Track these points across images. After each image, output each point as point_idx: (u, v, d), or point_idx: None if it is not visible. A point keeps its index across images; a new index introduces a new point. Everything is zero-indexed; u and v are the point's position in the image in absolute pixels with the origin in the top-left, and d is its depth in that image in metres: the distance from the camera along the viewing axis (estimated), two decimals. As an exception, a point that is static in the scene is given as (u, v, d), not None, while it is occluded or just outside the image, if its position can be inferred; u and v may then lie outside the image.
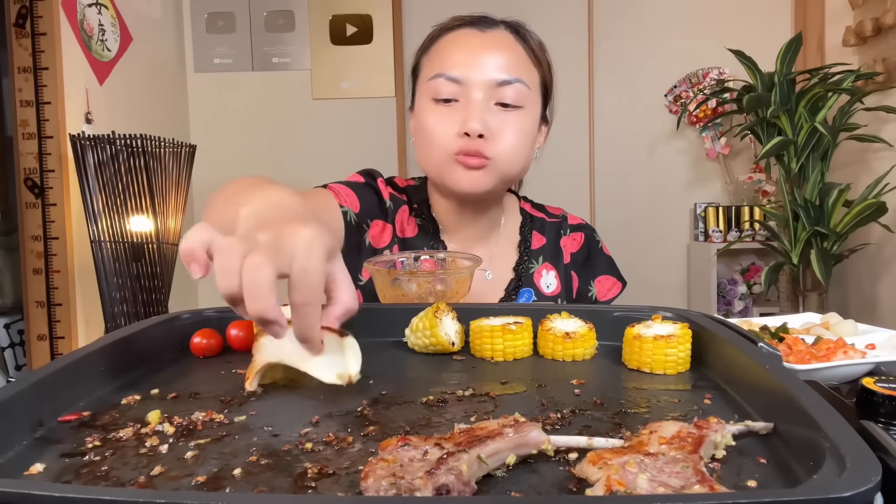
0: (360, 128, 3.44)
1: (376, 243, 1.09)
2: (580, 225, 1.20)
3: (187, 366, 0.69)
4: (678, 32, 3.36)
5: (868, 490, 0.32)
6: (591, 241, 1.18)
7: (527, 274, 1.12)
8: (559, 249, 1.16)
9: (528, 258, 1.13)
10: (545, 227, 1.17)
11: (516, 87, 1.00)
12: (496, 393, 0.58)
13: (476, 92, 0.99)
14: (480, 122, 0.97)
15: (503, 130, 0.99)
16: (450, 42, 1.03)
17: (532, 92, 1.03)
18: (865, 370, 0.72)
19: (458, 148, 0.98)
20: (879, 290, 2.90)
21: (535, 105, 1.04)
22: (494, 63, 0.99)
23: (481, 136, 0.98)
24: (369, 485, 0.37)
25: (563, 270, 1.15)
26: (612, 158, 3.44)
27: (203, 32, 3.44)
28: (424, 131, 1.02)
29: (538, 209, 1.21)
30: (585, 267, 1.17)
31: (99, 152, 2.29)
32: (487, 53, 1.00)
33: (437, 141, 1.00)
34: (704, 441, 0.42)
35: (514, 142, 1.00)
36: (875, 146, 2.80)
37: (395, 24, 3.40)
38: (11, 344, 3.03)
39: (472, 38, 1.02)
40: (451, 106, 1.00)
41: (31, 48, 2.42)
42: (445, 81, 0.99)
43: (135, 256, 2.37)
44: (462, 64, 0.99)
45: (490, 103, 0.99)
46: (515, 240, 1.15)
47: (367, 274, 1.07)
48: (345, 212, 1.04)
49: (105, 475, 0.42)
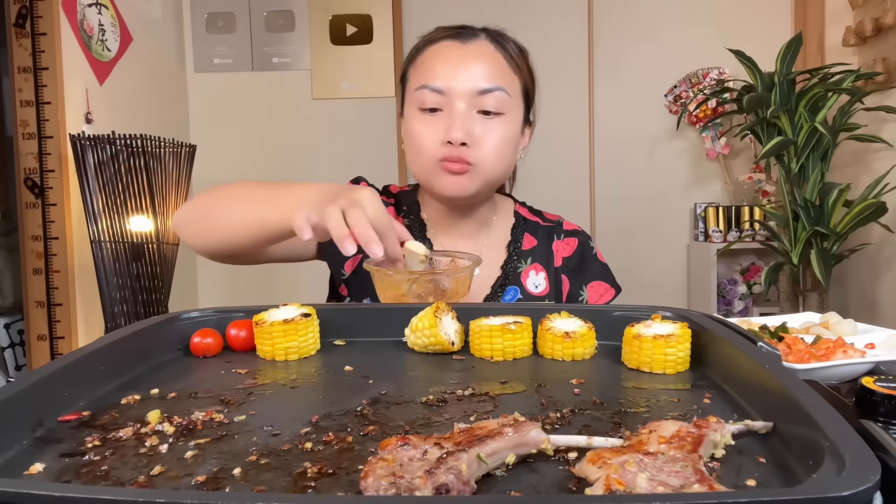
0: (360, 128, 3.44)
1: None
2: (574, 231, 1.22)
3: (187, 366, 0.69)
4: (678, 32, 3.36)
5: (867, 489, 0.32)
6: (585, 248, 1.20)
7: (514, 273, 1.15)
8: (550, 252, 1.18)
9: (518, 258, 1.16)
10: (538, 231, 1.20)
11: (497, 95, 1.05)
12: (496, 392, 0.58)
13: (458, 102, 1.04)
14: (463, 131, 1.02)
15: (485, 137, 1.05)
16: (433, 54, 1.08)
17: (513, 99, 1.07)
18: (865, 369, 0.72)
19: (443, 155, 1.04)
20: (879, 290, 2.90)
21: (516, 111, 1.09)
22: (475, 73, 1.05)
23: (464, 144, 1.03)
24: (369, 484, 0.37)
25: (553, 273, 1.17)
26: (612, 158, 3.44)
27: (203, 32, 3.44)
28: (412, 139, 1.08)
29: (534, 214, 1.24)
30: (577, 272, 1.19)
31: (99, 152, 2.29)
32: (468, 64, 1.05)
33: (424, 148, 1.06)
34: (704, 440, 0.42)
35: (496, 147, 1.06)
36: (875, 146, 2.80)
37: (395, 24, 3.40)
38: (11, 344, 3.03)
39: (453, 50, 1.07)
40: (436, 115, 1.05)
41: (31, 48, 2.42)
42: (429, 92, 1.05)
43: (135, 256, 2.37)
44: (444, 75, 1.05)
45: (472, 111, 1.04)
46: (506, 239, 1.18)
47: (349, 269, 1.13)
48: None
49: (105, 475, 0.42)
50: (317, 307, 0.74)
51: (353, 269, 1.13)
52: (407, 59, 1.14)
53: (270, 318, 0.70)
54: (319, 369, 0.67)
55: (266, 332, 0.69)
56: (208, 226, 1.00)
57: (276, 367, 0.67)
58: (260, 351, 0.71)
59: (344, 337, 0.76)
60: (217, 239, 0.99)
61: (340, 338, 0.76)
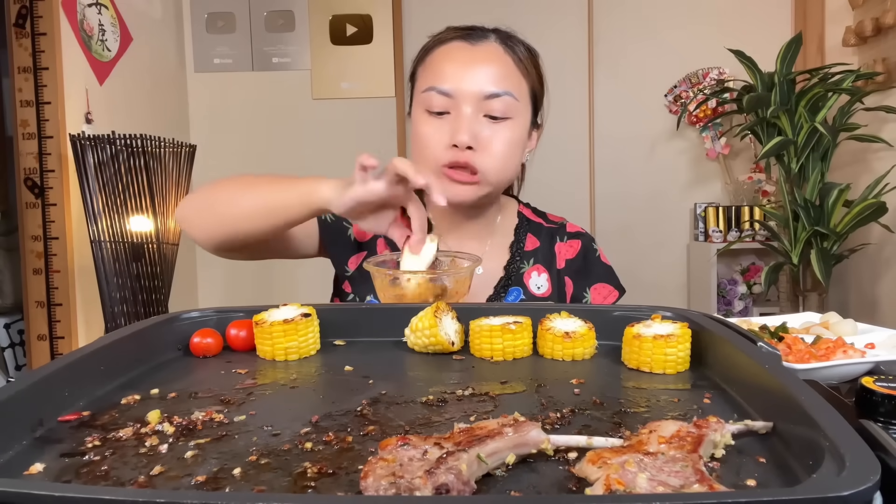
0: (360, 128, 3.44)
1: (360, 238, 1.15)
2: (578, 233, 1.21)
3: (187, 366, 0.69)
4: (678, 32, 3.36)
5: (867, 489, 0.32)
6: (588, 250, 1.20)
7: (517, 273, 1.14)
8: (553, 254, 1.18)
9: (520, 258, 1.16)
10: (541, 232, 1.20)
11: (504, 99, 1.04)
12: (496, 392, 0.58)
13: (465, 105, 1.03)
14: (469, 135, 1.02)
15: (492, 141, 1.04)
16: (442, 55, 1.07)
17: (520, 103, 1.07)
18: (865, 369, 0.72)
19: (448, 159, 1.03)
20: (879, 290, 2.90)
21: (523, 115, 1.08)
22: (483, 77, 1.04)
23: (470, 148, 1.02)
24: (369, 484, 0.37)
25: (555, 275, 1.16)
26: (612, 158, 3.44)
27: (203, 32, 3.44)
28: (418, 141, 1.08)
29: (538, 215, 1.23)
30: (581, 274, 1.18)
31: (99, 152, 2.29)
32: (476, 67, 1.04)
33: (429, 151, 1.05)
34: (704, 440, 0.42)
35: (502, 152, 1.05)
36: (875, 146, 2.80)
37: (395, 24, 3.40)
38: (11, 344, 3.03)
39: (462, 51, 1.06)
40: (443, 118, 1.05)
41: (31, 48, 2.42)
42: (437, 95, 1.04)
43: (135, 256, 2.37)
44: (452, 78, 1.04)
45: (479, 115, 1.04)
46: (509, 239, 1.18)
47: (353, 265, 1.14)
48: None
49: (105, 475, 0.42)
50: (317, 307, 0.74)
51: (357, 266, 1.13)
52: (416, 59, 1.13)
53: (270, 318, 0.70)
54: (319, 369, 0.67)
55: (266, 332, 0.69)
56: (216, 215, 1.00)
57: (276, 368, 0.67)
58: (260, 351, 0.71)
59: (344, 337, 0.76)
60: (225, 228, 0.99)
61: (340, 338, 0.76)
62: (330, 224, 1.14)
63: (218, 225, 1.00)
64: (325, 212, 0.92)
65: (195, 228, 1.03)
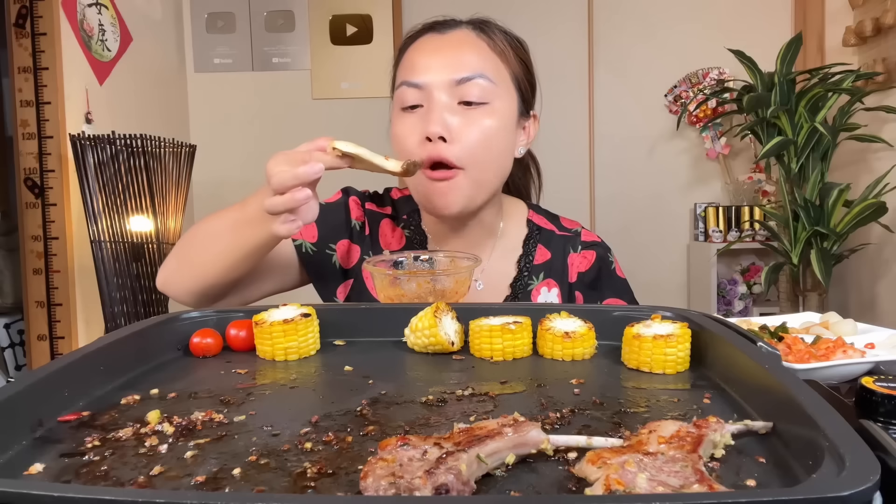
0: (360, 128, 3.41)
1: (345, 264, 1.10)
2: (594, 243, 1.12)
3: (187, 366, 0.69)
4: (678, 32, 3.36)
5: (867, 489, 0.32)
6: (604, 262, 1.11)
7: (524, 291, 1.08)
8: (565, 266, 1.10)
9: (529, 274, 1.08)
10: (552, 241, 1.11)
11: (477, 82, 0.97)
12: (495, 392, 0.58)
13: (437, 94, 0.97)
14: (440, 125, 0.95)
15: (468, 128, 0.97)
16: (413, 50, 1.03)
17: (499, 87, 1.00)
18: (865, 369, 0.72)
19: (424, 156, 0.96)
20: (879, 290, 2.90)
21: (504, 100, 1.01)
22: (452, 62, 0.98)
23: (444, 139, 0.96)
24: (369, 484, 0.37)
25: (566, 289, 1.09)
26: (612, 158, 3.44)
27: (203, 32, 3.44)
28: (395, 141, 1.02)
29: (550, 220, 1.15)
30: (593, 288, 1.10)
31: (99, 152, 2.29)
32: (445, 53, 0.99)
33: (402, 148, 0.99)
34: (703, 440, 0.42)
35: (479, 140, 0.97)
36: (875, 146, 2.80)
37: (395, 24, 3.40)
38: (11, 344, 3.03)
39: (431, 42, 1.02)
40: (416, 112, 0.99)
41: (31, 48, 2.42)
42: (408, 88, 0.99)
43: (135, 256, 2.37)
44: (422, 68, 0.99)
45: (453, 103, 0.97)
46: (516, 253, 1.10)
47: (341, 296, 1.09)
48: (298, 245, 1.07)
49: (105, 475, 0.42)
50: (317, 307, 0.74)
51: (346, 296, 1.09)
52: (394, 61, 1.08)
53: (270, 318, 0.70)
54: (319, 369, 0.67)
55: (266, 332, 0.69)
56: (192, 267, 0.96)
57: (276, 368, 0.67)
58: (260, 351, 0.71)
59: (344, 337, 0.76)
60: (205, 276, 0.95)
61: (340, 338, 0.76)
62: (312, 256, 1.07)
63: (198, 276, 0.96)
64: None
65: (178, 288, 0.99)
